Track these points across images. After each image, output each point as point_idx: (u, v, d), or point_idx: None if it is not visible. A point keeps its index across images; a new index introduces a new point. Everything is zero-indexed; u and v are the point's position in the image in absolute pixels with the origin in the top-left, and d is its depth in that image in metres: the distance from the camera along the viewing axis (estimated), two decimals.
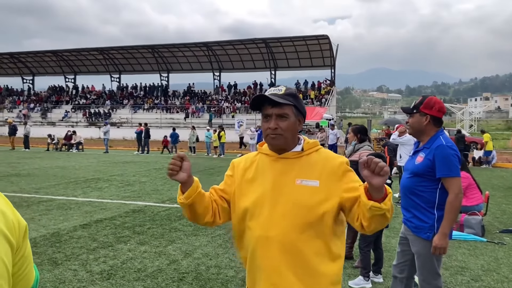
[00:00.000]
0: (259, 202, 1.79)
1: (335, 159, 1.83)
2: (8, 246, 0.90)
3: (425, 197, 3.03)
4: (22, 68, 49.24)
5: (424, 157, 3.04)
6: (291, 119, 1.81)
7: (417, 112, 3.13)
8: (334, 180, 1.76)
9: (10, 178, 12.33)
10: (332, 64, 39.32)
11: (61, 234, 6.24)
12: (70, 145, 24.95)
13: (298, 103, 1.86)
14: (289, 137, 1.82)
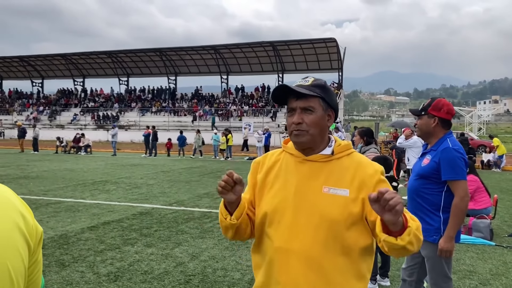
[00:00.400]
0: (280, 208, 1.62)
1: (369, 166, 1.62)
2: (27, 248, 0.92)
3: (431, 200, 3.02)
4: (31, 72, 49.70)
5: (431, 159, 3.03)
6: (318, 112, 1.62)
7: (425, 114, 3.12)
8: (365, 190, 1.56)
9: (19, 180, 12.44)
10: (340, 67, 39.27)
11: (69, 236, 6.28)
12: (78, 148, 25.13)
13: (327, 95, 1.64)
14: (316, 134, 1.63)
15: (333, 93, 1.70)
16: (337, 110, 1.70)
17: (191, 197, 9.93)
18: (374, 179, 1.59)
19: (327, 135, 1.69)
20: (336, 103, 1.69)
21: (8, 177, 13.15)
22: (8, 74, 51.38)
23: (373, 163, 1.65)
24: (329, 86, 1.70)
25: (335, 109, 1.68)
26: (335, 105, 1.68)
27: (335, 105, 1.68)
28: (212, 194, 10.25)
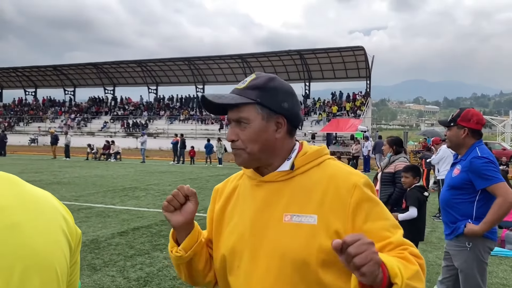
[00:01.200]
0: (237, 249, 1.26)
1: (346, 178, 1.18)
2: (68, 248, 0.96)
3: (462, 210, 2.99)
4: (64, 80, 51.16)
5: (460, 169, 3.02)
6: (255, 123, 1.22)
7: (454, 125, 3.09)
8: (342, 213, 1.15)
9: (52, 186, 12.79)
10: (368, 76, 38.94)
11: (100, 241, 6.42)
12: (108, 155, 25.66)
13: (267, 97, 1.22)
14: (256, 151, 1.23)
15: (281, 91, 1.25)
16: (290, 114, 1.25)
17: None
18: (353, 198, 1.15)
19: (285, 146, 1.27)
20: (287, 104, 1.24)
21: (41, 182, 13.54)
22: (43, 83, 53.05)
23: (352, 173, 1.21)
24: (277, 82, 1.26)
25: (286, 113, 1.24)
26: (284, 107, 1.24)
27: (285, 108, 1.24)
28: None
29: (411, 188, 4.41)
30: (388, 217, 1.18)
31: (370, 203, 1.17)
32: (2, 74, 52.41)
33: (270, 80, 1.26)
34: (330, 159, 1.28)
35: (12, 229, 0.86)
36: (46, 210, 0.95)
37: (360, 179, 1.19)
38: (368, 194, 1.18)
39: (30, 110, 49.68)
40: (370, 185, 1.21)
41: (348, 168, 1.25)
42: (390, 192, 4.77)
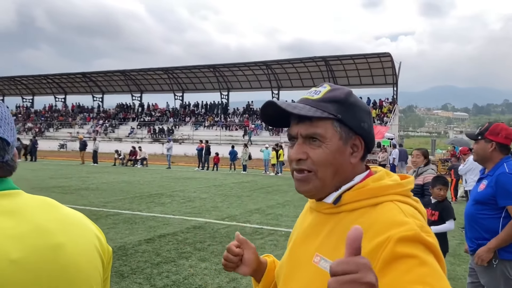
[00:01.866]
0: (279, 273, 1.19)
1: (385, 228, 0.92)
2: (101, 265, 1.04)
3: (488, 226, 2.93)
4: (92, 87, 52.36)
5: (487, 185, 2.96)
6: (332, 143, 1.03)
7: (482, 139, 3.04)
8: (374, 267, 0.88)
9: (81, 192, 13.07)
10: (395, 82, 38.49)
11: (127, 248, 6.53)
12: (135, 161, 26.07)
13: (347, 114, 1.03)
14: (327, 176, 1.04)
15: (360, 108, 1.07)
16: (367, 136, 1.07)
17: (242, 212, 10.02)
18: (386, 253, 0.88)
19: (356, 173, 1.07)
20: (367, 124, 1.07)
21: (70, 188, 13.86)
22: (72, 90, 54.41)
23: (396, 223, 0.92)
24: (355, 98, 1.07)
25: (364, 135, 1.06)
26: (364, 128, 1.06)
27: (364, 128, 1.06)
28: (263, 210, 10.30)
29: (444, 200, 4.33)
30: (432, 283, 0.84)
31: (405, 262, 0.86)
32: (34, 81, 54.07)
33: (350, 95, 1.07)
34: (392, 202, 0.99)
35: (57, 249, 0.94)
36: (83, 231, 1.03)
37: (400, 232, 0.89)
38: (406, 251, 0.87)
39: (60, 116, 51.01)
40: (419, 240, 0.89)
41: (398, 217, 0.94)
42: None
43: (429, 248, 0.90)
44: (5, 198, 0.95)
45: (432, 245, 0.90)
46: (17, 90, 56.18)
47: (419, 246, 0.89)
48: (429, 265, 0.86)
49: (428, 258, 0.88)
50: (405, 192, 1.03)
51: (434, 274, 0.86)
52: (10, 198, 0.96)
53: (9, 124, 1.00)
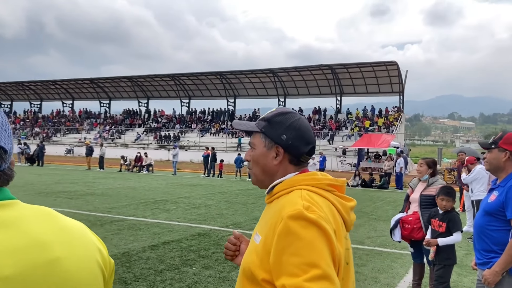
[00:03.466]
0: None
1: (283, 208, 1.25)
2: (102, 278, 1.00)
3: (497, 238, 2.87)
4: (100, 93, 52.62)
5: (497, 196, 2.90)
6: (258, 149, 1.44)
7: (495, 148, 2.98)
8: (271, 240, 1.23)
9: (86, 197, 13.10)
10: (401, 91, 38.38)
11: (131, 254, 6.51)
12: (141, 167, 26.12)
13: (268, 129, 1.43)
14: (258, 173, 1.45)
15: (282, 125, 1.42)
16: (287, 146, 1.40)
17: (248, 219, 9.98)
18: (278, 227, 1.21)
19: (286, 173, 1.41)
20: (286, 137, 1.40)
21: (76, 193, 13.89)
22: (79, 95, 54.74)
23: (289, 204, 1.25)
24: (283, 117, 1.44)
25: (283, 145, 1.40)
26: (282, 140, 1.40)
27: (282, 140, 1.40)
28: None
29: (451, 211, 4.28)
30: (303, 254, 1.14)
31: (287, 238, 1.17)
32: (42, 86, 54.44)
33: (277, 115, 1.46)
34: (299, 189, 1.32)
35: (54, 264, 0.89)
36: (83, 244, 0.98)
37: (290, 211, 1.21)
38: (289, 227, 1.18)
39: (67, 122, 51.25)
40: (301, 217, 1.18)
41: (295, 199, 1.26)
42: None
43: (311, 223, 1.18)
44: (1, 209, 0.90)
45: (313, 220, 1.18)
46: (25, 95, 56.58)
47: (301, 222, 1.18)
48: (304, 239, 1.15)
49: (306, 233, 1.16)
50: (317, 184, 1.34)
51: (307, 246, 1.15)
52: (6, 209, 0.91)
53: (6, 131, 0.95)
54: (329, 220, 1.24)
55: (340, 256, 1.23)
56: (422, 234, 4.63)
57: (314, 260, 1.13)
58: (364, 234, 8.78)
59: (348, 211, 1.37)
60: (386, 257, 6.94)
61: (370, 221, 10.47)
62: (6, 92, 57.50)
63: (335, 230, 1.25)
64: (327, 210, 1.28)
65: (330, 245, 1.18)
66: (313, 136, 1.47)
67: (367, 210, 12.45)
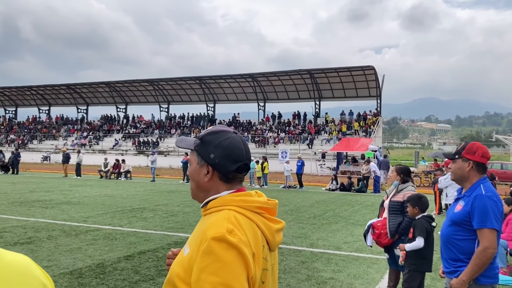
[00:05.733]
0: None
1: (208, 228, 1.32)
2: None
3: (463, 247, 2.92)
4: (77, 98, 51.87)
5: (463, 206, 2.95)
6: (193, 165, 1.52)
7: (459, 158, 3.05)
8: (195, 256, 1.30)
9: (62, 206, 12.86)
10: (378, 95, 38.91)
11: (106, 265, 6.40)
12: (119, 173, 25.79)
13: (201, 147, 1.50)
14: (193, 187, 1.53)
15: (211, 144, 1.48)
16: (214, 165, 1.46)
17: None
18: (202, 246, 1.28)
19: (218, 189, 1.49)
20: (213, 155, 1.47)
21: (51, 202, 13.63)
22: (56, 101, 53.85)
23: (214, 226, 1.32)
24: (213, 136, 1.50)
25: (211, 163, 1.47)
26: (210, 158, 1.47)
27: (210, 159, 1.47)
28: None
29: (418, 218, 4.37)
30: (221, 275, 1.22)
31: (210, 256, 1.25)
32: (17, 92, 53.36)
33: (208, 134, 1.52)
34: (228, 209, 1.39)
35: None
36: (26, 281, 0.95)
37: (213, 233, 1.28)
38: (211, 248, 1.26)
39: (44, 128, 50.32)
40: (222, 240, 1.27)
41: (221, 222, 1.33)
42: (399, 221, 4.72)
43: (231, 246, 1.25)
44: None
45: (233, 243, 1.26)
46: (0, 101, 55.36)
47: (223, 244, 1.25)
48: (223, 261, 1.23)
49: (226, 255, 1.24)
50: (246, 206, 1.41)
51: (225, 267, 1.23)
52: None
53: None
54: (249, 244, 1.31)
55: (255, 278, 1.32)
56: (389, 240, 4.71)
57: (230, 282, 1.22)
58: (341, 239, 8.84)
59: (273, 233, 1.44)
60: (362, 263, 7.00)
61: (348, 226, 10.55)
62: None
63: (254, 253, 1.33)
64: (250, 232, 1.35)
65: (246, 268, 1.27)
66: (244, 154, 1.50)
67: (345, 215, 12.55)
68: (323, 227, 10.24)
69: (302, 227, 10.14)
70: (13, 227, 9.27)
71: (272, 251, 1.47)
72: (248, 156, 1.53)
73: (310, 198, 17.19)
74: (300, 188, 21.74)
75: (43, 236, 8.34)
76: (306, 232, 9.50)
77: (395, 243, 4.70)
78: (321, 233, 9.50)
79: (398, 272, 5.06)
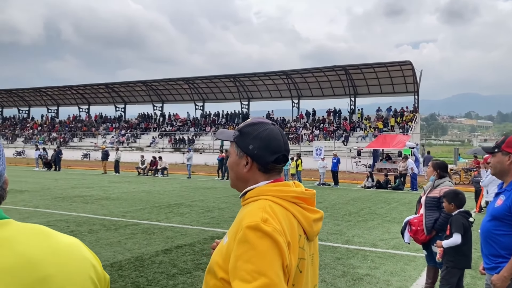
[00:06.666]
0: None
1: (244, 218, 1.36)
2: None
3: (504, 243, 2.84)
4: (115, 97, 53.25)
5: (504, 200, 2.86)
6: (232, 157, 1.55)
7: (499, 151, 2.96)
8: (233, 244, 1.34)
9: (101, 201, 13.26)
10: (416, 90, 38.06)
11: (144, 258, 6.57)
12: (156, 170, 26.33)
13: (239, 139, 1.53)
14: (233, 178, 1.56)
15: (250, 135, 1.51)
16: (253, 156, 1.49)
17: None
18: (239, 234, 1.32)
19: (257, 180, 1.51)
20: (252, 147, 1.49)
21: (91, 198, 14.07)
22: (95, 100, 55.48)
23: (249, 215, 1.35)
24: (251, 128, 1.53)
25: (250, 154, 1.49)
26: (249, 149, 1.49)
27: (249, 150, 1.49)
28: None
29: (455, 214, 4.27)
30: (255, 263, 1.25)
31: (246, 244, 1.28)
32: (58, 92, 55.29)
33: (246, 126, 1.55)
34: (265, 199, 1.41)
35: (45, 282, 0.91)
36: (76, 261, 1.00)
37: (249, 222, 1.31)
38: (246, 236, 1.29)
39: (84, 127, 51.94)
40: (257, 228, 1.29)
41: (256, 211, 1.36)
42: (436, 217, 4.63)
43: (266, 235, 1.27)
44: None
45: (268, 232, 1.28)
46: (43, 100, 57.51)
47: (257, 233, 1.28)
48: (258, 249, 1.26)
49: (260, 243, 1.27)
50: (282, 196, 1.43)
51: (259, 255, 1.25)
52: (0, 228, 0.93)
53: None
54: (284, 233, 1.33)
55: (291, 267, 1.34)
56: (426, 236, 4.63)
57: (264, 270, 1.24)
58: (378, 237, 8.73)
59: (310, 222, 1.46)
60: (399, 260, 6.89)
61: (384, 223, 10.40)
62: (24, 98, 58.53)
63: (290, 242, 1.35)
64: (286, 222, 1.37)
65: (281, 256, 1.29)
66: (282, 145, 1.51)
67: (381, 212, 12.36)
68: (359, 224, 10.13)
69: (337, 224, 10.07)
70: (57, 221, 9.64)
71: (311, 240, 1.49)
72: (287, 148, 1.54)
73: (345, 195, 17.03)
74: (335, 185, 21.56)
75: (85, 230, 8.64)
76: (342, 229, 9.43)
77: (433, 240, 4.61)
78: (357, 230, 9.41)
79: (437, 269, 4.95)
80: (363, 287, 5.46)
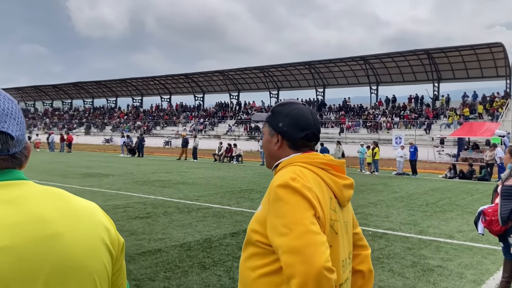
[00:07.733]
0: None
1: (275, 180, 1.44)
2: (109, 256, 1.04)
3: None
4: (194, 87, 55.09)
5: None
6: (265, 136, 1.64)
7: None
8: (267, 207, 1.41)
9: (178, 185, 13.82)
10: (508, 74, 35.16)
11: (212, 240, 6.76)
12: (231, 157, 26.94)
13: (271, 119, 1.63)
14: (266, 155, 1.65)
15: (280, 114, 1.60)
16: (283, 133, 1.57)
17: None
18: (271, 196, 1.39)
19: (287, 155, 1.58)
20: (282, 124, 1.57)
21: (169, 182, 14.72)
22: (176, 90, 57.82)
23: (279, 178, 1.42)
24: (281, 108, 1.62)
25: (280, 132, 1.57)
26: (279, 127, 1.58)
27: (279, 128, 1.58)
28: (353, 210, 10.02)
29: None
30: (290, 215, 1.32)
31: (278, 202, 1.36)
32: (142, 83, 58.33)
33: (278, 106, 1.66)
34: (294, 166, 1.49)
35: (53, 239, 0.94)
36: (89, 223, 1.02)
37: (278, 182, 1.39)
38: (277, 194, 1.37)
39: (165, 115, 54.40)
40: (286, 185, 1.37)
41: (285, 173, 1.44)
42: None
43: (294, 190, 1.35)
44: (8, 187, 0.95)
45: (296, 188, 1.36)
46: (128, 91, 61.01)
47: (286, 189, 1.36)
48: (290, 203, 1.34)
49: (290, 198, 1.34)
50: (310, 162, 1.51)
51: (292, 209, 1.33)
52: (13, 187, 0.96)
53: (16, 119, 1.00)
54: (312, 190, 1.40)
55: (324, 220, 1.40)
56: (501, 227, 4.25)
57: (299, 219, 1.31)
58: (455, 228, 8.24)
59: (340, 187, 1.52)
60: (477, 253, 6.45)
61: (464, 215, 9.78)
62: (111, 89, 62.44)
63: (320, 200, 1.41)
64: (316, 183, 1.44)
65: (312, 207, 1.35)
66: (311, 123, 1.58)
67: (462, 203, 11.64)
68: (436, 215, 9.62)
69: (412, 214, 9.64)
70: (135, 203, 10.21)
71: (343, 206, 1.55)
72: (317, 126, 1.60)
73: (424, 185, 16.24)
74: (414, 175, 20.62)
75: (160, 212, 9.06)
76: (416, 219, 9.02)
77: (509, 231, 4.25)
78: (433, 221, 8.94)
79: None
80: (433, 279, 5.17)
